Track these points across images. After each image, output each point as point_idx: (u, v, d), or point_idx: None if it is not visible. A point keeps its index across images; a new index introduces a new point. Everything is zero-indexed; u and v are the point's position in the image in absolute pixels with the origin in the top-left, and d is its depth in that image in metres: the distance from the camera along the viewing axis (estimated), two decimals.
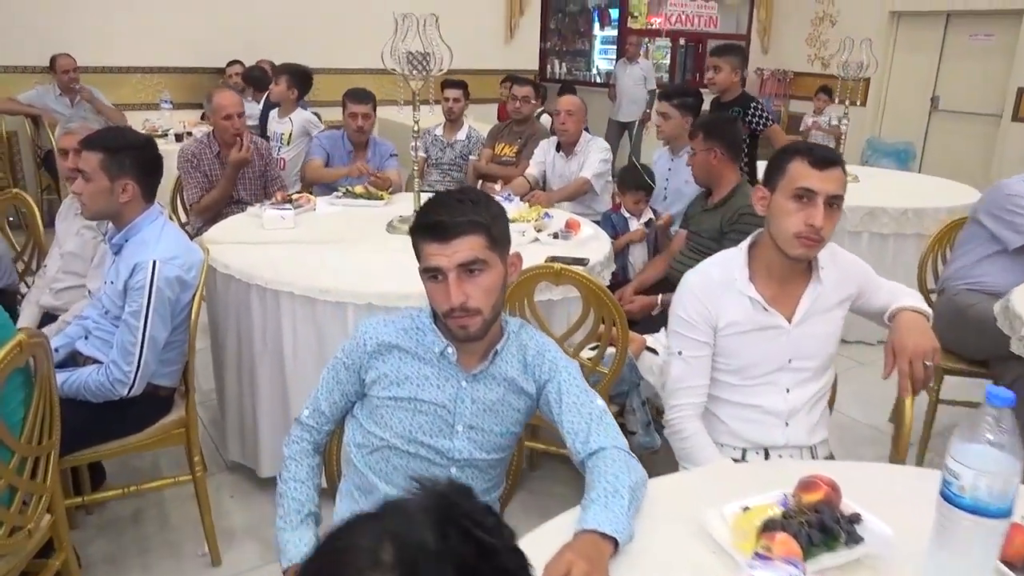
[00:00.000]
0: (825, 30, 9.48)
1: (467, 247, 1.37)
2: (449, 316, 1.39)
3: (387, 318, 1.53)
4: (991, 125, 8.19)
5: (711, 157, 2.89)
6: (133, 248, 2.11)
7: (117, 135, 2.11)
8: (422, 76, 2.96)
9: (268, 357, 2.59)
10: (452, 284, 1.36)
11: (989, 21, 8.11)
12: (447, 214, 1.37)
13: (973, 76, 8.29)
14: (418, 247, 1.42)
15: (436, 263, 1.38)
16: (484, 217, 1.39)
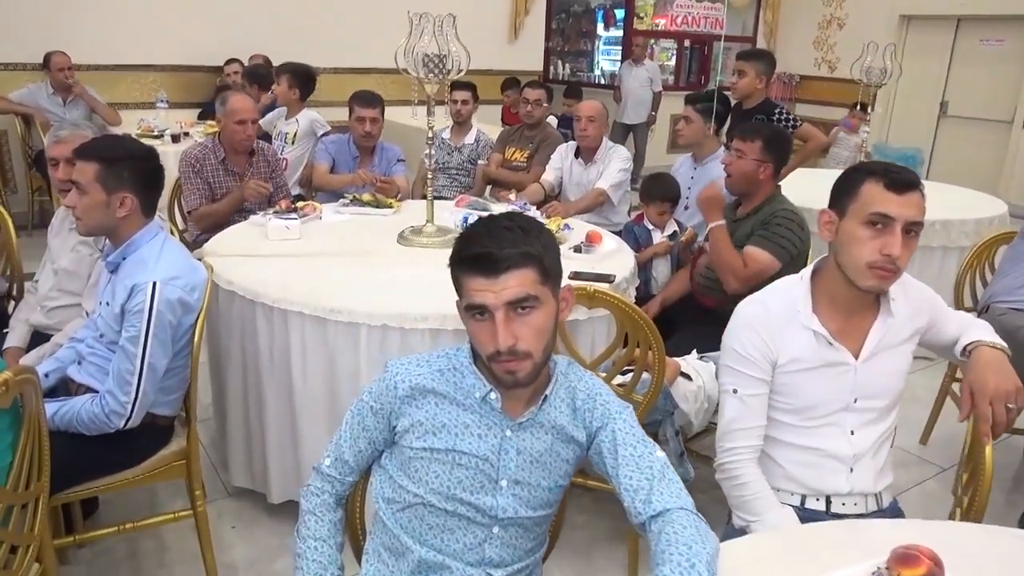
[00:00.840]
0: (833, 33, 9.35)
1: (517, 282, 1.20)
2: (495, 360, 1.23)
3: (420, 358, 1.37)
4: (1002, 132, 8.07)
5: (760, 170, 2.73)
6: (131, 267, 1.93)
7: (115, 144, 1.94)
8: (438, 79, 2.79)
9: (276, 379, 2.42)
10: (500, 324, 1.20)
11: (1000, 26, 7.99)
12: (494, 244, 1.21)
13: (983, 82, 8.17)
14: (459, 281, 1.26)
15: (481, 300, 1.21)
16: (536, 248, 1.23)
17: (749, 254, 2.65)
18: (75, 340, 2.15)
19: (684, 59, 9.49)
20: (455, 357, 1.35)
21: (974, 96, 8.27)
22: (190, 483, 2.12)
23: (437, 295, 2.36)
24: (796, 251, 2.68)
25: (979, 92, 8.21)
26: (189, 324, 1.99)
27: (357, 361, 2.28)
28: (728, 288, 2.71)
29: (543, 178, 3.98)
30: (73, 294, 2.35)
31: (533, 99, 4.29)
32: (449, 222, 3.10)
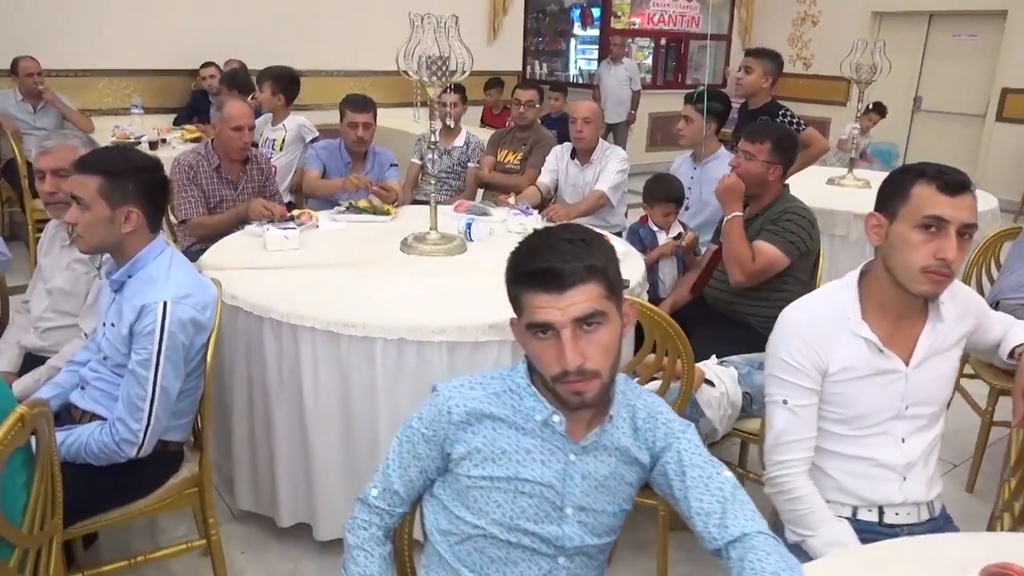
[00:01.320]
0: (807, 30, 9.42)
1: (583, 298, 1.14)
2: (561, 380, 1.16)
3: (472, 380, 1.29)
4: (975, 125, 8.19)
5: (769, 171, 2.69)
6: (138, 286, 1.83)
7: (118, 156, 1.83)
8: (441, 81, 2.71)
9: (285, 397, 2.32)
10: (567, 343, 1.13)
11: (972, 21, 8.10)
12: (557, 259, 1.14)
13: (956, 76, 8.28)
14: (518, 298, 1.19)
15: (547, 318, 1.14)
16: (600, 260, 1.17)
17: (758, 249, 2.62)
18: (75, 363, 2.04)
19: (661, 57, 9.48)
20: (510, 378, 1.28)
21: (947, 90, 8.38)
22: (203, 511, 2.02)
23: (452, 306, 2.31)
24: (805, 248, 2.65)
25: (952, 86, 8.32)
26: (201, 344, 1.89)
27: (373, 376, 2.20)
28: (732, 280, 2.68)
29: (539, 180, 3.91)
30: (69, 315, 2.23)
31: (525, 100, 4.22)
32: (452, 228, 3.02)
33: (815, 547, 1.52)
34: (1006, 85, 7.84)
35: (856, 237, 3.91)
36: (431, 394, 1.30)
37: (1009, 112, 7.86)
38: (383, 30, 6.98)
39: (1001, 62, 7.84)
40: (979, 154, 8.12)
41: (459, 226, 3.05)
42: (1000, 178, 7.70)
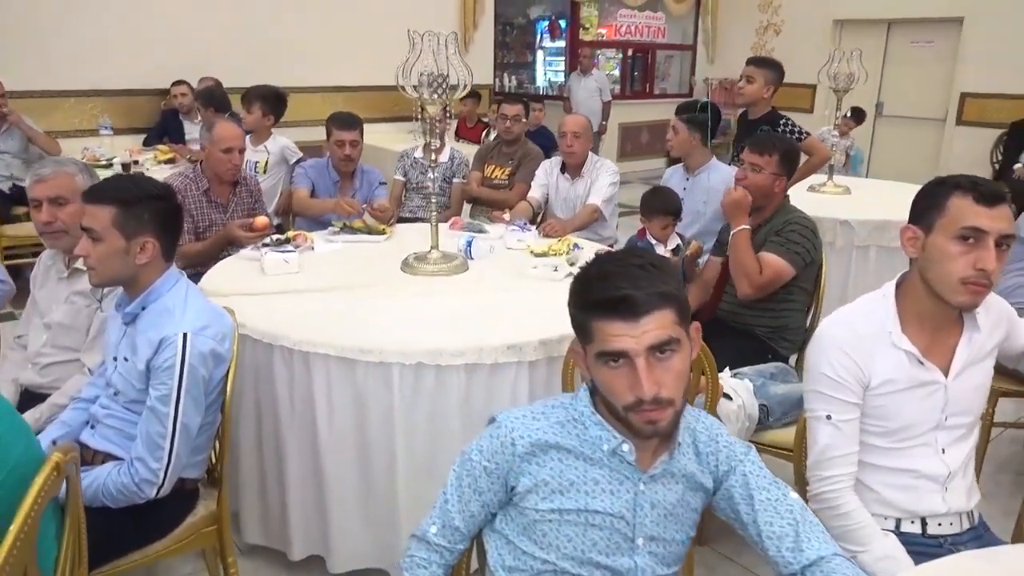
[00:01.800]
0: (770, 39, 9.59)
1: (657, 325, 1.12)
2: (635, 409, 1.13)
3: (534, 410, 1.26)
4: (935, 129, 8.41)
5: (776, 183, 2.71)
6: (154, 319, 1.76)
7: (130, 184, 1.76)
8: (442, 99, 2.68)
9: (297, 427, 2.25)
10: (643, 371, 1.11)
11: (929, 28, 8.33)
12: (631, 285, 1.11)
13: (916, 82, 8.49)
14: (588, 326, 1.16)
15: (621, 346, 1.11)
16: (672, 286, 1.14)
17: (764, 260, 2.63)
18: (82, 400, 1.96)
19: (629, 68, 9.56)
20: (572, 407, 1.25)
21: (908, 96, 8.59)
22: (222, 550, 1.95)
23: (467, 328, 2.27)
24: (810, 259, 2.67)
25: (912, 92, 8.53)
26: (220, 376, 1.83)
27: (390, 401, 2.15)
28: (740, 292, 2.68)
29: (530, 195, 3.89)
30: (70, 349, 2.14)
31: (512, 115, 4.20)
32: (450, 247, 2.98)
33: (867, 562, 1.51)
34: (964, 90, 8.07)
35: (843, 244, 3.96)
36: (490, 425, 1.27)
37: (968, 116, 8.08)
38: (357, 46, 6.97)
39: (959, 67, 8.07)
40: (940, 157, 8.33)
41: (459, 244, 3.01)
42: None
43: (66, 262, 2.20)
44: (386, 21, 7.07)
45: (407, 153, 4.63)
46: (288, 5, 6.57)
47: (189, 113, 5.91)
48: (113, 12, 5.73)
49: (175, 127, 5.87)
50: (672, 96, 10.11)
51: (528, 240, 3.17)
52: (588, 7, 9.19)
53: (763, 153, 2.70)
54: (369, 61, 7.09)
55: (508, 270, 2.86)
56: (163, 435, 1.70)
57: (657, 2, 9.31)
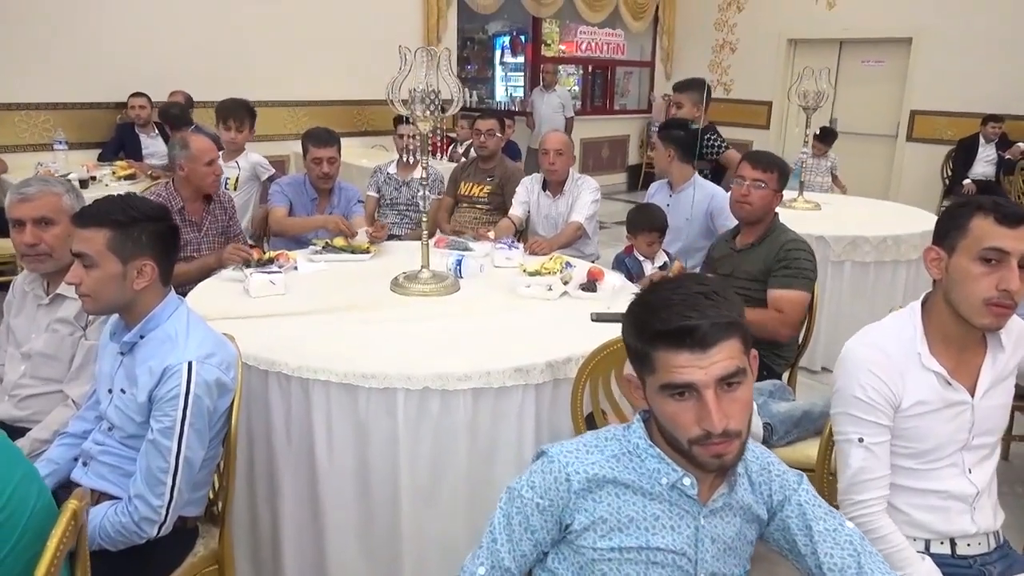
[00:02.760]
0: (726, 57, 9.77)
1: (726, 356, 1.08)
2: (701, 443, 1.09)
3: (586, 442, 1.21)
4: (888, 145, 8.66)
5: (775, 199, 2.75)
6: (155, 347, 1.66)
7: (124, 204, 1.66)
8: (434, 116, 2.62)
9: (293, 457, 2.16)
10: (712, 404, 1.07)
11: (879, 48, 8.59)
12: (697, 315, 1.07)
13: (868, 100, 8.73)
14: (650, 357, 1.11)
15: (688, 378, 1.07)
16: (736, 314, 1.11)
17: (786, 298, 2.62)
18: (69, 435, 1.84)
19: (589, 84, 9.63)
20: (626, 439, 1.20)
21: (860, 113, 8.83)
22: None
23: (472, 350, 2.22)
24: (815, 277, 2.69)
25: (864, 109, 8.77)
26: (225, 408, 1.74)
27: (393, 428, 2.08)
28: (783, 338, 2.68)
29: (512, 213, 3.85)
30: (51, 380, 2.01)
31: (485, 130, 4.15)
32: (439, 266, 2.92)
33: None
34: (914, 107, 8.33)
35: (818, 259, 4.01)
36: (539, 460, 1.21)
37: (918, 132, 8.34)
38: (322, 60, 6.86)
39: (909, 86, 8.33)
40: (892, 173, 8.58)
41: (448, 263, 2.95)
42: (913, 195, 8.13)
43: (46, 287, 2.08)
44: (351, 36, 7.00)
45: (380, 169, 4.55)
46: (251, 19, 6.43)
47: (146, 127, 5.73)
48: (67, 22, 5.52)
49: (132, 142, 5.69)
50: (632, 112, 10.23)
51: (516, 258, 3.12)
52: (549, 24, 9.24)
53: (766, 169, 2.74)
54: (334, 75, 7.01)
55: (501, 289, 2.81)
56: (165, 470, 1.60)
57: (616, 20, 9.41)
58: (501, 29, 10.02)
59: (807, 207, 4.65)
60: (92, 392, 1.86)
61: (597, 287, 2.76)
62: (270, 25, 6.54)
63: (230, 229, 3.32)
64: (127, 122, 5.75)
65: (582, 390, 2.11)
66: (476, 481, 2.14)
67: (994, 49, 7.52)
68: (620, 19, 9.38)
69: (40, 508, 1.16)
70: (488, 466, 2.15)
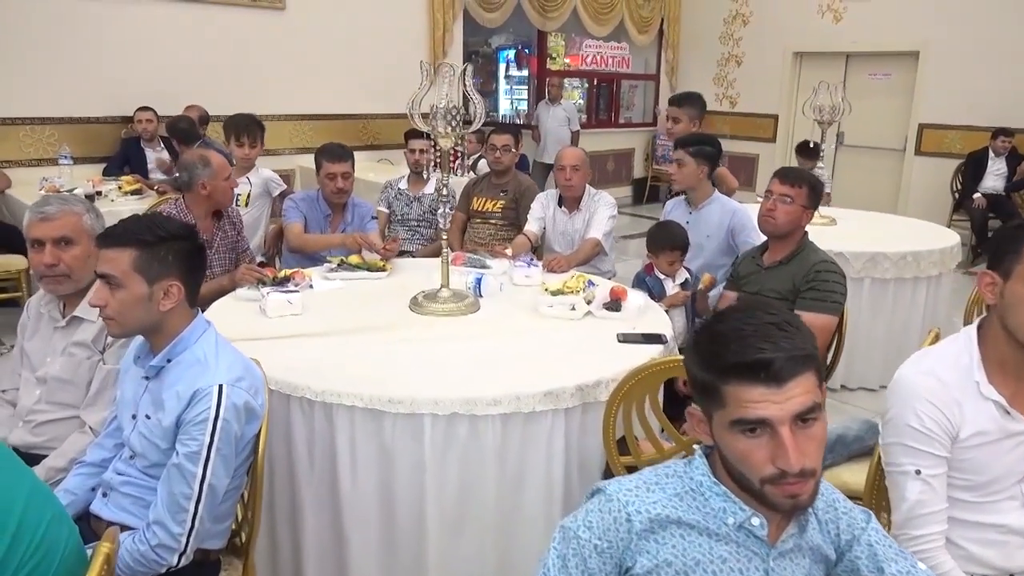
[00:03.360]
0: (731, 70, 9.76)
1: (802, 390, 1.03)
2: (775, 482, 1.04)
3: (646, 480, 1.15)
4: (895, 159, 8.63)
5: (804, 215, 2.70)
6: (183, 371, 1.61)
7: (149, 224, 1.62)
8: (456, 132, 2.58)
9: (316, 484, 2.11)
10: (788, 441, 1.02)
11: (886, 61, 8.58)
12: (771, 347, 1.02)
13: (875, 113, 8.71)
14: (722, 390, 1.06)
15: (763, 414, 1.02)
16: (812, 346, 1.06)
17: (813, 323, 2.55)
18: (88, 464, 1.78)
19: (595, 97, 9.62)
20: (688, 475, 1.15)
21: (868, 126, 8.81)
22: None
23: (500, 373, 2.17)
24: (844, 300, 2.65)
25: (872, 123, 8.75)
26: (252, 435, 1.69)
27: (420, 454, 2.03)
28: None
29: (527, 229, 3.80)
30: (68, 406, 1.96)
31: (501, 145, 4.11)
32: (457, 284, 2.87)
33: None
34: (922, 120, 8.31)
35: None
36: (595, 498, 1.16)
37: (926, 146, 8.32)
38: (327, 74, 6.84)
39: (916, 99, 8.32)
40: (901, 187, 8.55)
41: (467, 282, 2.90)
42: (921, 209, 8.09)
43: (62, 309, 2.02)
44: (357, 50, 6.99)
45: (391, 184, 4.52)
46: (256, 33, 6.41)
47: (152, 141, 5.69)
48: (72, 36, 5.48)
49: (137, 156, 5.65)
50: (637, 125, 10.21)
51: (536, 276, 3.07)
52: (555, 37, 9.24)
53: (794, 184, 2.70)
54: (339, 89, 6.99)
55: (522, 309, 2.76)
56: (188, 496, 1.55)
57: (621, 33, 9.41)
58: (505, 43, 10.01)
59: (823, 222, 4.60)
60: (111, 419, 1.81)
61: (621, 306, 2.71)
62: (276, 39, 6.52)
63: (238, 244, 3.29)
64: (132, 136, 5.71)
65: (615, 415, 2.06)
66: (505, 509, 2.09)
67: (1003, 62, 7.52)
68: (625, 32, 9.39)
69: (70, 551, 1.10)
70: (517, 493, 2.10)
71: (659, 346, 2.41)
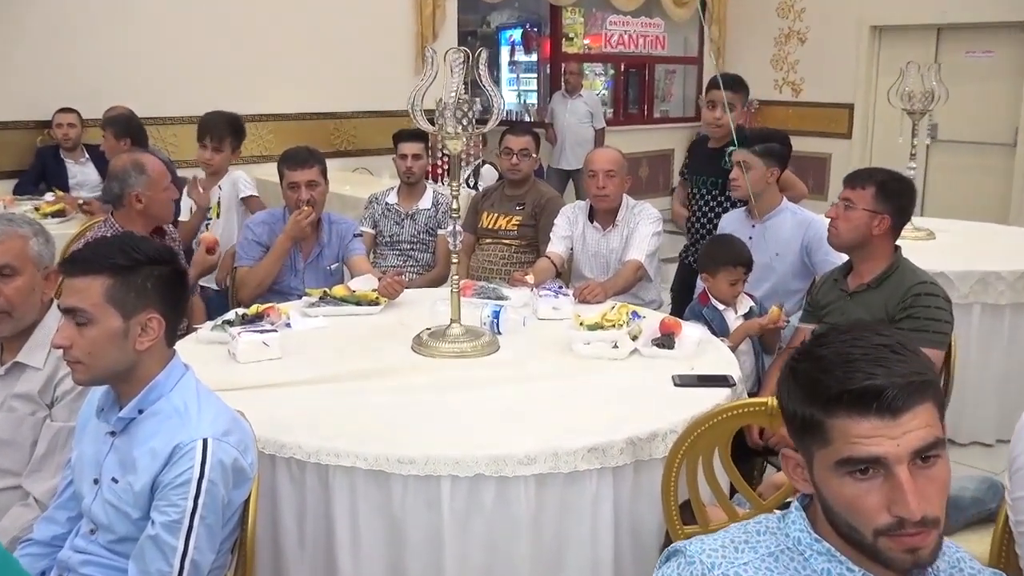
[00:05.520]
0: (793, 49, 9.96)
1: (921, 423, 1.11)
2: (890, 533, 1.12)
3: (732, 538, 1.24)
4: (1003, 156, 8.75)
5: (875, 224, 2.78)
6: (159, 423, 1.71)
7: (125, 246, 1.72)
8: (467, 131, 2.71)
9: (308, 564, 2.21)
10: (907, 483, 1.10)
11: (987, 35, 8.73)
12: (883, 372, 1.11)
13: (976, 100, 8.83)
14: (825, 424, 1.14)
15: (876, 451, 1.11)
16: (931, 372, 1.15)
17: None
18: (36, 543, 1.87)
19: (623, 86, 9.83)
20: (784, 531, 1.23)
21: (966, 117, 8.92)
22: None
23: (532, 426, 2.27)
24: (950, 330, 2.74)
25: (972, 112, 8.87)
26: (240, 501, 1.79)
27: (437, 525, 2.12)
28: None
29: (550, 250, 3.91)
30: (8, 473, 2.05)
31: (518, 149, 4.24)
32: (471, 319, 2.97)
33: None
34: None
35: None
36: (672, 562, 1.24)
37: None
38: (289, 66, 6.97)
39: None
40: (1013, 190, 8.64)
41: (482, 316, 3.00)
42: None
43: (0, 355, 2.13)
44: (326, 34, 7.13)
45: (376, 198, 4.64)
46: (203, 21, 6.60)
47: (74, 151, 5.84)
48: None
49: (55, 169, 5.80)
50: (675, 120, 10.40)
51: (566, 307, 3.17)
52: (572, 14, 9.46)
53: (855, 186, 2.81)
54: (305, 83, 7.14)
55: (552, 347, 2.86)
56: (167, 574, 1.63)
57: (654, 7, 9.62)
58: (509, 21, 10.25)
59: (919, 236, 4.70)
60: (64, 487, 1.89)
61: (675, 342, 2.80)
62: (224, 26, 6.70)
63: None
64: (50, 145, 5.87)
65: (676, 475, 2.14)
66: None
67: None
68: (659, 6, 9.61)
69: None
70: (555, 570, 2.18)
71: (725, 390, 2.50)
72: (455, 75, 2.70)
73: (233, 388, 2.48)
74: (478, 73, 2.72)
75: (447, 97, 2.68)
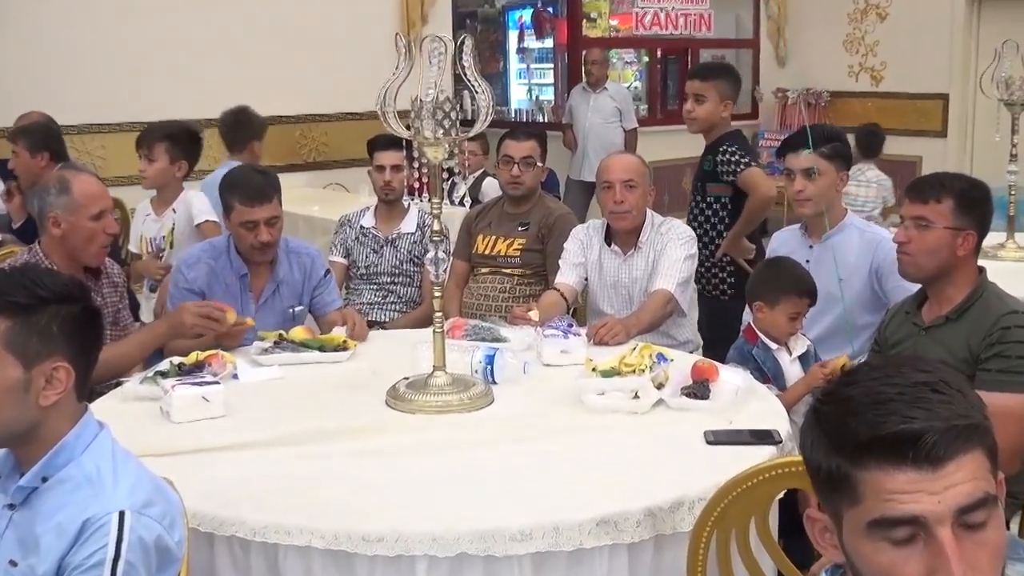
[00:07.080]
0: (871, 27, 10.03)
1: (968, 476, 1.15)
2: None
3: None
4: None
5: (959, 244, 2.82)
6: (67, 493, 1.77)
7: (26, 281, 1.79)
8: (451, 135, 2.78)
9: None
10: (949, 548, 1.14)
11: None
12: (925, 415, 1.16)
13: None
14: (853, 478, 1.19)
15: (914, 508, 1.15)
16: (980, 415, 1.20)
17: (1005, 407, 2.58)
18: None
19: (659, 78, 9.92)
20: None
21: None
22: None
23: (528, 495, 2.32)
24: None
25: None
26: None
27: None
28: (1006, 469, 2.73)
29: (559, 281, 3.95)
30: None
31: (520, 156, 4.30)
32: (460, 365, 3.03)
33: None
34: None
35: None
36: None
37: None
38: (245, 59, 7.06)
39: None
40: None
41: (472, 362, 3.06)
42: None
43: None
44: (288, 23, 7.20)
45: (349, 221, 4.73)
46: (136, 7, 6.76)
47: None
48: None
49: None
50: None
51: (577, 350, 3.23)
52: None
53: (927, 199, 2.84)
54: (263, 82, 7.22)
55: (558, 399, 2.92)
56: None
57: None
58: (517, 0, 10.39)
59: (1017, 256, 4.73)
60: None
61: (710, 391, 2.85)
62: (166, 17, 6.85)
63: (120, 315, 3.49)
64: None
65: (704, 551, 2.18)
66: None
67: None
68: None
69: None
70: None
71: (770, 448, 2.54)
72: (434, 67, 2.77)
73: (164, 453, 2.56)
74: (462, 64, 2.79)
75: (424, 95, 2.75)
